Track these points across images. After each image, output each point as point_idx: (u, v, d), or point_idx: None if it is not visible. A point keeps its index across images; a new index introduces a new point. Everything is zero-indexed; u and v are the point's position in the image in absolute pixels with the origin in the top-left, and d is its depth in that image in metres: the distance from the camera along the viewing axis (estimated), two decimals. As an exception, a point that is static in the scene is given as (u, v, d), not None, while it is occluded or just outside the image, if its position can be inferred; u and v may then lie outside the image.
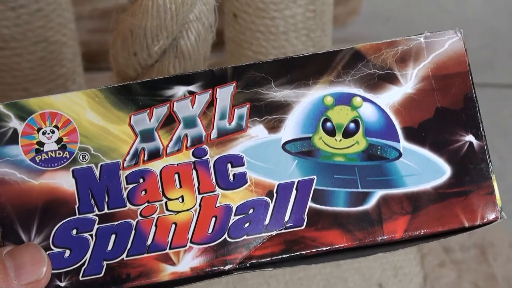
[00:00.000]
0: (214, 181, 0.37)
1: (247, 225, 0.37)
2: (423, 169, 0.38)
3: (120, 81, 0.60)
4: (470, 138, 0.38)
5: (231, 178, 0.37)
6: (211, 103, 0.38)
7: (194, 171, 0.37)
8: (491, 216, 0.37)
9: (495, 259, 0.90)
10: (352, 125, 0.38)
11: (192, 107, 0.38)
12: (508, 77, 1.21)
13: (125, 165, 0.37)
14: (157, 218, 0.37)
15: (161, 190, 0.37)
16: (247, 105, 0.38)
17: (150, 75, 0.57)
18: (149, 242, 0.36)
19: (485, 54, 0.38)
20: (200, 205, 0.37)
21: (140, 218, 0.37)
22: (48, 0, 0.70)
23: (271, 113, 0.38)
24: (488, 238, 0.92)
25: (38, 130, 0.37)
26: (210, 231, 0.37)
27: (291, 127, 0.38)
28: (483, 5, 1.33)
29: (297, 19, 0.72)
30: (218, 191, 0.37)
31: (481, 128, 0.38)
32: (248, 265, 0.37)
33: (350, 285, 0.87)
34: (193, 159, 0.37)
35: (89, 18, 1.12)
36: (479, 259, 0.90)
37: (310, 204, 0.37)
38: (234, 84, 0.38)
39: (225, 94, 0.38)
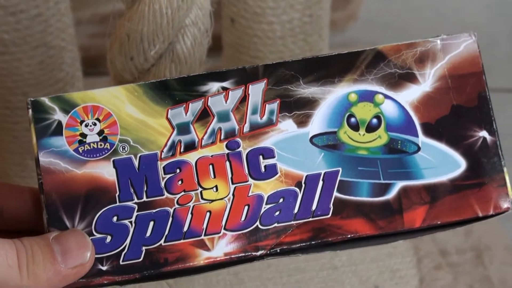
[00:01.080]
0: (246, 171, 0.39)
1: (277, 213, 0.39)
2: (440, 162, 0.40)
3: (117, 85, 0.63)
4: (483, 133, 0.40)
5: (263, 169, 0.39)
6: (244, 99, 0.40)
7: (227, 162, 0.39)
8: (504, 206, 0.39)
9: (491, 262, 0.92)
10: (374, 120, 0.40)
11: (226, 102, 0.40)
12: (506, 82, 1.24)
13: (162, 156, 0.39)
14: (193, 206, 0.38)
15: (196, 180, 0.39)
16: (277, 101, 0.40)
17: (147, 79, 0.58)
18: (185, 228, 0.38)
19: (483, 59, 0.39)
20: (233, 194, 0.39)
21: (176, 206, 0.38)
22: (48, 5, 0.71)
23: (299, 109, 0.40)
24: (484, 241, 0.95)
25: (81, 122, 0.39)
26: (243, 218, 0.39)
27: (318, 122, 0.40)
28: (481, 11, 1.36)
29: (294, 24, 0.74)
30: (251, 181, 0.39)
31: (494, 125, 0.40)
32: (278, 250, 0.38)
33: (348, 288, 0.89)
34: (227, 151, 0.39)
35: (88, 23, 1.13)
36: (475, 262, 0.92)
37: (335, 194, 0.39)
38: (265, 81, 0.40)
39: (256, 90, 0.40)
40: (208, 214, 0.39)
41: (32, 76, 0.74)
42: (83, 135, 0.39)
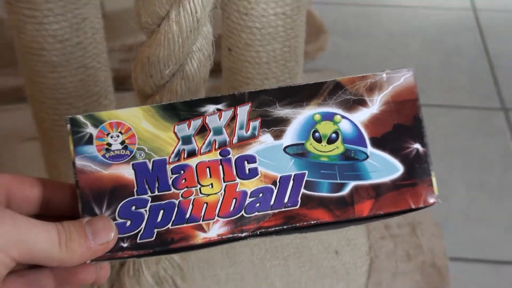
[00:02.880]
0: (235, 173, 0.40)
1: (258, 205, 0.40)
2: (383, 167, 0.40)
3: (140, 97, 0.63)
4: (417, 146, 0.41)
5: (247, 171, 0.40)
6: (233, 118, 0.41)
7: (220, 166, 0.40)
8: (431, 201, 0.40)
9: (422, 234, 0.94)
10: (333, 135, 0.41)
11: (219, 120, 0.40)
12: (437, 99, 1.25)
13: (170, 161, 0.40)
14: (194, 199, 0.39)
15: (196, 179, 0.40)
16: (259, 120, 0.41)
17: (162, 92, 0.59)
18: (187, 216, 0.39)
19: (420, 83, 0.40)
20: (224, 190, 0.39)
21: (181, 198, 0.39)
22: (86, 36, 0.73)
23: (276, 125, 0.40)
24: (418, 218, 0.97)
25: (107, 134, 0.40)
26: (231, 208, 0.39)
27: (290, 135, 0.40)
28: (420, 48, 1.40)
29: (276, 52, 0.76)
30: (238, 180, 0.40)
31: (425, 139, 0.41)
32: (258, 233, 0.39)
33: (314, 252, 0.90)
34: (220, 157, 0.40)
35: (119, 51, 1.14)
36: (411, 234, 0.94)
37: (302, 190, 0.40)
38: (249, 104, 0.41)
39: (243, 111, 0.41)
40: (205, 205, 0.40)
41: (74, 90, 0.77)
42: (109, 144, 0.40)
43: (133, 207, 0.39)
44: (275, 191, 0.40)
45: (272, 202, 0.40)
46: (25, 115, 1.12)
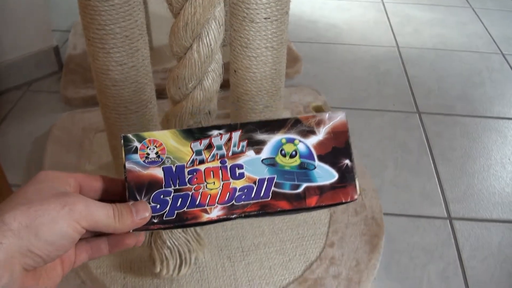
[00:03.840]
0: (229, 175, 0.39)
1: (243, 197, 0.39)
2: (325, 174, 0.40)
3: (172, 103, 0.61)
4: (347, 161, 0.40)
5: (237, 175, 0.39)
6: (229, 139, 0.40)
7: (220, 170, 0.39)
8: (355, 197, 0.40)
9: (365, 197, 0.94)
10: (294, 152, 0.40)
11: (221, 140, 0.40)
12: (373, 105, 1.29)
13: (187, 166, 0.39)
14: (202, 192, 0.39)
15: (204, 178, 0.39)
16: (246, 141, 0.40)
17: (187, 99, 0.58)
18: (197, 202, 0.39)
19: (362, 94, 0.39)
20: (222, 186, 0.39)
21: (193, 191, 0.39)
22: (138, 61, 0.72)
23: (257, 145, 0.40)
24: (362, 186, 0.97)
25: (147, 147, 0.40)
26: (226, 199, 0.39)
27: (266, 152, 0.40)
28: (362, 71, 1.45)
29: (267, 73, 0.76)
30: (231, 180, 0.39)
31: (352, 157, 0.41)
32: (243, 215, 0.39)
33: (286, 220, 0.90)
34: (220, 164, 0.40)
35: (160, 72, 1.13)
36: (359, 197, 0.94)
37: (273, 188, 0.39)
38: (240, 131, 0.41)
39: (236, 135, 0.40)
40: (209, 196, 0.39)
41: (129, 97, 0.76)
42: (148, 154, 0.40)
43: (162, 196, 0.38)
44: (255, 188, 0.39)
45: (252, 195, 0.39)
46: (98, 115, 1.14)
